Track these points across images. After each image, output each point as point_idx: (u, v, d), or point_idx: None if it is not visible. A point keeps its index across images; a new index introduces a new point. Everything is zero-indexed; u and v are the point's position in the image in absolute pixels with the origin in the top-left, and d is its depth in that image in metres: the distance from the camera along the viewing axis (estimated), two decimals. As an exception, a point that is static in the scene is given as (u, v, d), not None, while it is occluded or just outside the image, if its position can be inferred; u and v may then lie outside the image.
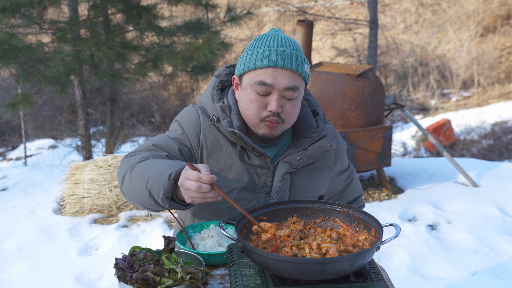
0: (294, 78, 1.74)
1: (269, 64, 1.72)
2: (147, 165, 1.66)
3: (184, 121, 1.89)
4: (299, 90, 1.77)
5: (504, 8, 17.05)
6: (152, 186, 1.59)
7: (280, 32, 1.80)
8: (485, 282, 3.61)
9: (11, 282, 3.62)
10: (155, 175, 1.59)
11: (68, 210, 4.59)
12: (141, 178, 1.64)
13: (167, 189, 1.56)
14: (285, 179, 1.87)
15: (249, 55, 1.76)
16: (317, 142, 1.87)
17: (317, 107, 1.98)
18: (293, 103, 1.78)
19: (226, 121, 1.82)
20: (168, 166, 1.60)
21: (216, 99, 1.88)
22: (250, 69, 1.75)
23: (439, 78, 16.17)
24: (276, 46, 1.74)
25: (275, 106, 1.74)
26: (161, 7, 6.96)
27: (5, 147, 12.37)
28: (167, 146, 1.81)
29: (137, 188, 1.66)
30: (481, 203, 4.85)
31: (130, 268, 1.47)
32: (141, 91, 10.51)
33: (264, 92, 1.74)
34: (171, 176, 1.56)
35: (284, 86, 1.73)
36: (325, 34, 11.59)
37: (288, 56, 1.73)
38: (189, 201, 1.54)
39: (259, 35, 1.81)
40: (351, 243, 1.58)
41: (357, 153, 4.90)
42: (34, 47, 5.87)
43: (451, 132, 12.14)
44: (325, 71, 5.00)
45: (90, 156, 6.89)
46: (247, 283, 1.45)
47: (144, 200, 1.66)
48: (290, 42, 1.77)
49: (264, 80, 1.72)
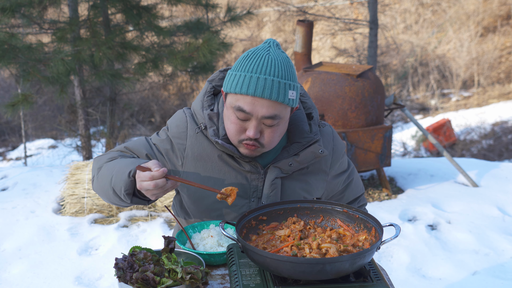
0: (274, 107, 1.69)
1: (248, 92, 1.67)
2: (112, 165, 1.78)
3: (171, 128, 1.91)
4: (281, 117, 1.72)
5: (504, 8, 17.06)
6: (115, 184, 1.71)
7: (272, 50, 1.72)
8: (485, 282, 3.61)
9: (11, 282, 3.62)
10: (117, 173, 1.71)
11: (68, 210, 4.59)
12: (106, 177, 1.76)
13: (127, 186, 1.68)
14: (274, 185, 1.86)
15: (233, 76, 1.72)
16: (309, 147, 1.85)
17: (313, 110, 1.94)
18: (274, 128, 1.74)
19: (212, 129, 1.82)
20: (128, 164, 1.71)
21: (205, 106, 1.87)
22: (232, 92, 1.72)
23: (439, 78, 16.18)
24: (259, 73, 1.67)
25: (252, 132, 1.72)
26: (161, 7, 6.96)
27: (5, 147, 12.37)
28: (137, 150, 1.89)
29: (104, 186, 1.78)
30: (481, 203, 4.86)
31: (130, 268, 1.47)
32: (141, 91, 10.51)
33: (243, 117, 1.72)
34: (131, 173, 1.67)
35: (262, 115, 1.70)
36: (325, 34, 11.59)
37: (269, 85, 1.66)
38: (153, 198, 1.67)
39: (250, 51, 1.73)
40: (351, 243, 1.58)
41: (357, 153, 4.90)
42: (34, 47, 5.87)
43: (451, 132, 12.14)
44: (325, 71, 5.00)
45: (90, 156, 6.89)
46: (247, 283, 1.45)
47: (110, 197, 1.78)
48: (278, 65, 1.69)
49: (243, 107, 1.69)
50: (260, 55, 1.70)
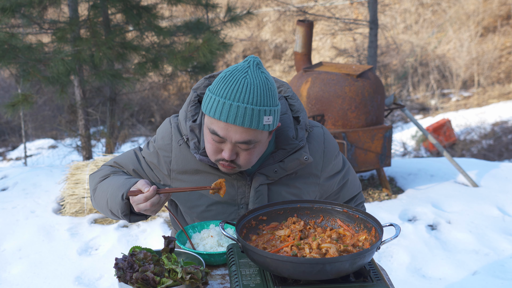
0: (247, 133, 1.67)
1: (221, 119, 1.65)
2: (105, 186, 1.85)
3: (157, 139, 1.93)
4: (256, 141, 1.70)
5: (504, 8, 17.06)
6: (112, 207, 1.81)
7: (250, 71, 1.66)
8: (485, 282, 3.61)
9: (11, 282, 3.62)
10: (111, 197, 1.79)
11: (68, 210, 4.59)
12: (102, 200, 1.85)
13: (123, 209, 1.77)
14: (259, 191, 1.85)
15: (209, 99, 1.69)
16: (293, 154, 1.83)
17: (301, 113, 1.88)
18: (250, 151, 1.73)
19: (193, 142, 1.82)
20: (120, 186, 1.78)
21: (189, 116, 1.85)
22: (207, 115, 1.71)
23: (439, 78, 16.18)
24: (232, 99, 1.63)
25: (227, 155, 1.72)
26: (161, 7, 6.96)
27: (5, 147, 12.37)
28: (125, 165, 1.95)
29: (102, 208, 1.88)
30: (481, 203, 4.86)
31: (130, 268, 1.47)
32: (141, 91, 10.51)
33: (217, 140, 1.71)
34: (123, 196, 1.74)
35: (236, 141, 1.69)
36: (325, 34, 11.60)
37: (241, 113, 1.63)
38: (153, 214, 1.75)
39: (228, 71, 1.68)
40: (351, 243, 1.58)
41: (357, 153, 4.90)
42: (34, 47, 5.87)
43: (451, 132, 12.14)
44: (325, 71, 5.00)
45: (90, 156, 6.89)
46: (247, 283, 1.45)
47: (111, 216, 1.89)
48: (254, 90, 1.64)
49: (217, 131, 1.69)
50: (237, 78, 1.65)
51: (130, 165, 1.94)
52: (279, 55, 16.77)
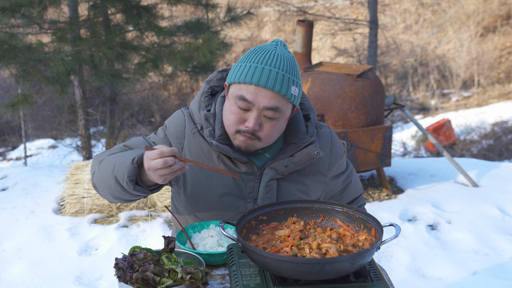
0: (276, 99, 1.70)
1: (252, 81, 1.69)
2: (114, 157, 1.76)
3: (169, 127, 1.91)
4: (281, 111, 1.73)
5: (504, 8, 17.06)
6: (118, 172, 1.67)
7: (279, 47, 1.75)
8: (485, 282, 3.61)
9: (11, 282, 3.62)
10: (120, 162, 1.68)
11: (68, 210, 4.60)
12: (108, 168, 1.73)
13: (130, 173, 1.63)
14: (269, 186, 1.85)
15: (238, 67, 1.74)
16: (304, 149, 1.84)
17: (311, 111, 1.94)
18: (274, 123, 1.74)
19: (208, 130, 1.82)
20: (132, 153, 1.69)
21: (202, 107, 1.87)
22: (235, 82, 1.73)
23: (439, 78, 16.18)
24: (265, 64, 1.69)
25: (252, 123, 1.72)
26: (161, 7, 6.96)
27: (5, 147, 12.38)
28: (136, 147, 1.87)
29: (105, 177, 1.74)
30: (481, 203, 4.86)
31: (130, 268, 1.47)
32: (141, 91, 10.51)
33: (244, 107, 1.72)
34: (134, 160, 1.63)
35: (264, 106, 1.70)
36: (325, 34, 11.60)
37: (273, 76, 1.68)
38: (160, 181, 1.60)
39: (257, 47, 1.77)
40: (351, 243, 1.58)
41: (357, 153, 4.90)
42: (34, 47, 5.87)
43: (451, 132, 12.15)
44: (325, 71, 5.00)
45: (90, 156, 6.89)
46: (247, 283, 1.45)
47: (111, 188, 1.72)
48: (283, 61, 1.72)
49: (245, 96, 1.70)
50: (267, 50, 1.74)
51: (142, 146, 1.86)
52: (279, 55, 16.73)
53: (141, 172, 1.67)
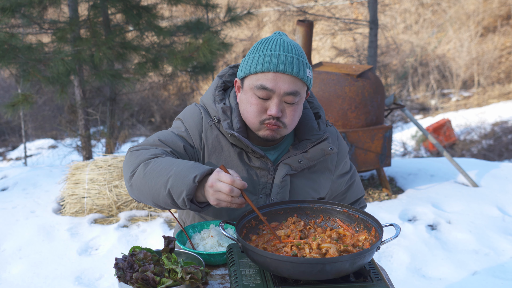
0: (295, 83, 1.73)
1: (270, 69, 1.71)
2: (165, 163, 1.64)
3: (187, 119, 1.88)
4: (300, 95, 1.76)
5: (504, 8, 17.06)
6: (174, 186, 1.58)
7: (283, 36, 1.79)
8: (485, 282, 3.61)
9: (11, 282, 3.62)
10: (178, 175, 1.59)
11: (68, 210, 4.59)
12: (159, 176, 1.62)
13: (190, 191, 1.56)
14: (285, 181, 1.87)
15: (251, 58, 1.75)
16: (318, 144, 1.87)
17: (320, 109, 1.98)
18: (294, 107, 1.77)
19: (227, 122, 1.82)
20: (191, 167, 1.60)
21: (218, 100, 1.88)
22: (252, 73, 1.74)
23: (439, 78, 16.18)
24: (278, 51, 1.72)
25: (275, 110, 1.73)
26: (161, 7, 6.96)
27: (5, 147, 12.38)
28: (172, 142, 1.80)
29: (154, 185, 1.63)
30: (481, 203, 4.85)
31: (130, 268, 1.47)
32: (141, 91, 10.51)
33: (264, 96, 1.73)
34: (196, 178, 1.56)
35: (284, 91, 1.72)
36: (325, 34, 11.59)
37: (290, 61, 1.72)
38: (215, 203, 1.55)
39: (263, 38, 1.80)
40: (351, 243, 1.58)
41: (357, 153, 4.90)
42: (34, 47, 5.87)
43: (451, 132, 12.14)
44: (325, 71, 5.00)
45: (90, 156, 6.89)
46: (247, 283, 1.45)
47: (159, 198, 1.64)
48: (293, 46, 1.76)
49: (265, 84, 1.72)
50: (275, 39, 1.77)
51: (179, 142, 1.81)
52: (279, 55, 16.74)
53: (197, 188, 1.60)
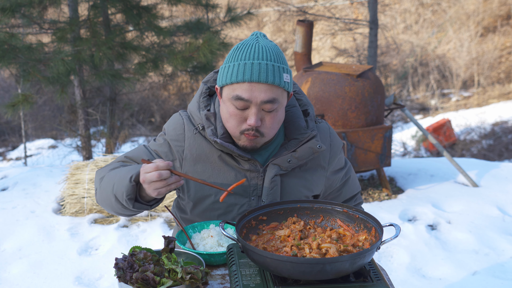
0: (271, 90, 1.70)
1: (245, 79, 1.68)
2: (113, 173, 1.79)
3: (168, 131, 1.91)
4: (279, 101, 1.73)
5: (504, 8, 17.06)
6: (117, 191, 1.72)
7: (260, 39, 1.75)
8: (485, 282, 3.61)
9: (11, 282, 3.62)
10: (119, 180, 1.72)
11: (68, 210, 4.60)
12: (108, 186, 1.77)
13: (129, 191, 1.68)
14: (274, 182, 1.86)
15: (227, 68, 1.73)
16: (306, 143, 1.85)
17: (309, 106, 1.95)
18: (273, 114, 1.75)
19: (210, 129, 1.83)
20: (129, 170, 1.72)
21: (202, 107, 1.88)
22: (228, 83, 1.73)
23: (439, 78, 16.18)
24: (252, 59, 1.69)
25: (253, 120, 1.72)
26: (161, 7, 6.96)
27: (5, 147, 12.38)
28: (137, 157, 1.90)
29: (106, 195, 1.78)
30: (481, 203, 4.86)
31: (130, 268, 1.47)
32: (141, 91, 10.51)
33: (242, 106, 1.72)
34: (132, 178, 1.67)
35: (261, 100, 1.70)
36: (325, 34, 11.60)
37: (264, 69, 1.68)
38: (155, 194, 1.63)
39: (239, 44, 1.76)
40: (351, 243, 1.58)
41: (357, 153, 4.90)
42: (34, 47, 5.87)
43: (451, 132, 12.14)
44: (325, 71, 5.00)
45: (90, 156, 6.90)
46: (247, 283, 1.45)
47: (113, 205, 1.78)
48: (269, 51, 1.72)
49: (241, 95, 1.70)
50: (250, 45, 1.73)
51: (144, 156, 1.89)
52: (279, 55, 16.73)
53: (140, 188, 1.71)
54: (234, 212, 1.88)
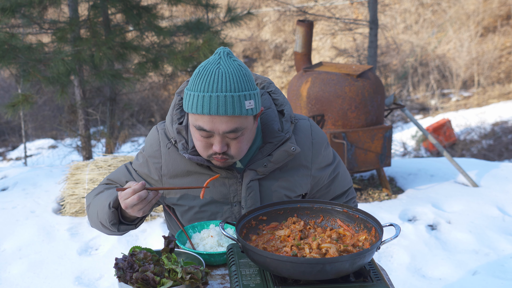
0: (233, 121, 1.68)
1: (204, 112, 1.66)
2: (96, 200, 1.89)
3: (146, 148, 1.94)
4: (243, 128, 1.71)
5: (504, 8, 17.06)
6: (101, 218, 1.83)
7: (222, 61, 1.69)
8: (485, 282, 3.61)
9: (11, 282, 3.62)
10: (100, 208, 1.82)
11: (68, 210, 4.60)
12: (93, 214, 1.88)
13: (111, 217, 1.79)
14: (251, 187, 1.85)
15: (189, 96, 1.70)
16: (281, 146, 1.83)
17: (285, 106, 1.91)
18: (239, 139, 1.73)
19: (181, 143, 1.83)
20: (107, 197, 1.82)
21: (175, 120, 1.87)
22: (190, 112, 1.72)
23: (439, 78, 16.18)
24: (211, 91, 1.65)
25: (218, 148, 1.72)
26: (161, 7, 6.96)
27: (5, 147, 12.38)
28: (117, 179, 1.98)
29: (94, 222, 1.90)
30: (481, 203, 4.86)
31: (130, 268, 1.47)
32: (141, 91, 10.51)
33: (205, 135, 1.72)
34: (110, 205, 1.77)
35: (223, 131, 1.69)
36: (325, 34, 11.60)
37: (222, 102, 1.65)
38: (140, 214, 1.72)
39: (201, 65, 1.71)
40: (351, 243, 1.58)
41: (357, 153, 4.90)
42: (34, 47, 5.87)
43: (451, 132, 12.14)
44: (325, 71, 5.00)
45: (90, 156, 6.90)
46: (247, 283, 1.45)
47: (103, 230, 1.90)
48: (229, 78, 1.66)
49: (203, 126, 1.69)
50: (211, 71, 1.68)
51: (122, 178, 1.95)
52: (279, 55, 16.77)
53: (121, 210, 1.81)
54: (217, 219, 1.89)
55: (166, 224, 2.11)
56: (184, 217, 1.92)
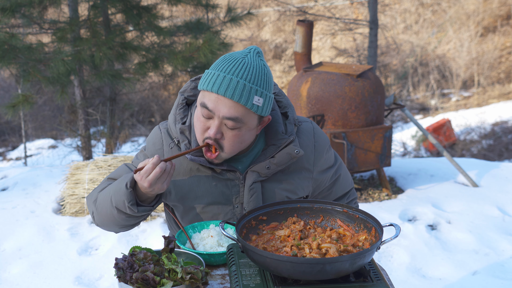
0: (235, 108, 1.68)
1: (212, 90, 1.67)
2: (106, 191, 1.83)
3: (148, 146, 1.93)
4: (243, 122, 1.70)
5: (504, 8, 17.06)
6: (117, 202, 1.74)
7: (249, 55, 1.72)
8: (485, 282, 3.61)
9: (11, 282, 3.62)
10: (115, 192, 1.76)
11: (68, 210, 4.60)
12: (105, 202, 1.80)
13: (129, 198, 1.71)
14: (253, 189, 1.84)
15: (207, 74, 1.72)
16: (284, 149, 1.83)
17: (289, 108, 1.90)
18: (236, 133, 1.72)
19: (184, 144, 1.83)
20: (121, 180, 1.77)
21: (178, 119, 1.87)
22: (202, 89, 1.72)
23: (439, 78, 16.18)
24: (227, 73, 1.67)
25: (212, 132, 1.71)
26: (161, 7, 6.96)
27: (5, 147, 12.38)
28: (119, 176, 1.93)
29: (106, 212, 1.81)
30: (481, 203, 4.86)
31: (130, 268, 1.47)
32: (141, 91, 10.51)
33: (206, 115, 1.71)
34: (127, 185, 1.71)
35: (223, 115, 1.69)
36: (325, 34, 11.60)
37: (233, 85, 1.65)
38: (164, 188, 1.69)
39: (230, 54, 1.74)
40: (351, 243, 1.58)
41: (357, 153, 4.90)
42: (34, 47, 5.87)
43: (451, 132, 12.14)
44: (325, 71, 5.00)
45: (90, 156, 6.90)
46: (247, 283, 1.45)
47: (116, 219, 1.80)
48: (250, 70, 1.68)
49: (207, 103, 1.70)
50: (236, 57, 1.71)
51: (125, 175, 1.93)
52: (279, 55, 16.77)
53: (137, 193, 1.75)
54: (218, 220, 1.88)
55: (167, 224, 2.10)
56: (185, 218, 1.92)
